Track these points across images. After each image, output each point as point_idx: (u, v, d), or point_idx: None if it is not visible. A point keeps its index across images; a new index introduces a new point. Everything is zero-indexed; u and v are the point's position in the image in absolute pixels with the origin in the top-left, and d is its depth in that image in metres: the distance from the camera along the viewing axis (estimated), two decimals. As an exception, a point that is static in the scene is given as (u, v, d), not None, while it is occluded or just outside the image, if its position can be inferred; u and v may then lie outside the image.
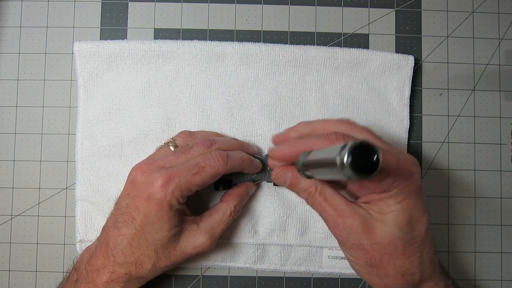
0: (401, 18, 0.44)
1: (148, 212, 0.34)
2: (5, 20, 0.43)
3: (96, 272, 0.35)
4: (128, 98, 0.41)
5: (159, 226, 0.34)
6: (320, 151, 0.28)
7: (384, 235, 0.31)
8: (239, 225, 0.41)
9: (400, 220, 0.31)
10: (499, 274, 0.43)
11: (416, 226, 0.31)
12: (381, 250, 0.31)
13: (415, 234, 0.31)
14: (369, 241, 0.31)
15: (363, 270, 0.33)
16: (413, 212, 0.31)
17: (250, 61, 0.41)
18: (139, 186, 0.34)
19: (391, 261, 0.31)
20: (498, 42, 0.44)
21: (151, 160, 0.36)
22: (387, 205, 0.31)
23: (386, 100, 0.42)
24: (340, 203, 0.32)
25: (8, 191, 0.43)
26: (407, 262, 0.31)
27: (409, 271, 0.32)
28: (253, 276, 0.43)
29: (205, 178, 0.34)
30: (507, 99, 0.44)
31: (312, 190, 0.32)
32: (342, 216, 0.31)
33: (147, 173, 0.34)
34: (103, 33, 0.43)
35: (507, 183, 0.43)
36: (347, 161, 0.23)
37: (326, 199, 0.32)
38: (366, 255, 0.31)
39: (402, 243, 0.31)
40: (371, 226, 0.31)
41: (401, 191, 0.30)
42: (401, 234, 0.31)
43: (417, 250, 0.32)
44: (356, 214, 0.31)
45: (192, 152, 0.35)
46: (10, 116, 0.43)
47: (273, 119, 0.42)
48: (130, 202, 0.34)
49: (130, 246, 0.34)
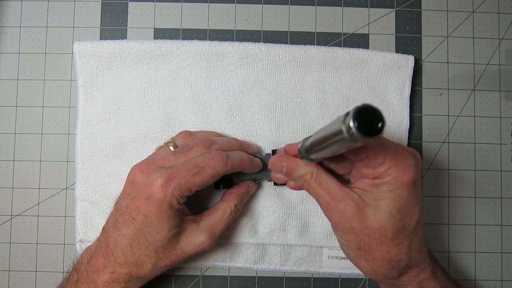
0: (401, 18, 0.44)
1: (148, 212, 0.34)
2: (5, 20, 0.43)
3: (96, 272, 0.35)
4: (128, 98, 0.41)
5: (159, 226, 0.34)
6: (322, 130, 0.29)
7: (374, 220, 0.31)
8: (239, 225, 0.41)
9: (391, 207, 0.31)
10: (499, 274, 0.43)
11: (407, 215, 0.32)
12: (371, 235, 0.32)
13: (405, 223, 0.32)
14: (360, 225, 0.32)
15: (352, 253, 0.34)
16: (405, 202, 0.31)
17: (250, 61, 0.41)
18: (139, 186, 0.34)
19: (379, 246, 0.32)
20: (498, 42, 0.44)
21: (151, 160, 0.36)
22: (380, 192, 0.31)
23: (386, 100, 0.42)
24: (335, 187, 0.33)
25: (8, 191, 0.43)
26: (395, 249, 0.32)
27: (396, 258, 0.33)
28: (253, 276, 0.43)
29: (205, 178, 0.34)
30: (507, 99, 0.44)
31: (308, 177, 0.33)
32: (335, 200, 0.32)
33: (146, 173, 0.34)
34: (103, 33, 0.43)
35: (507, 183, 0.43)
36: (354, 125, 0.23)
37: (321, 184, 0.33)
38: (357, 238, 0.32)
39: (392, 230, 0.32)
40: (363, 211, 0.32)
41: (395, 180, 0.31)
42: (392, 221, 0.31)
43: (406, 238, 0.32)
44: (349, 198, 0.32)
45: (192, 153, 0.35)
46: (10, 116, 0.43)
47: (273, 119, 0.42)
48: (130, 202, 0.34)
49: (131, 246, 0.34)
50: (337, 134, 0.25)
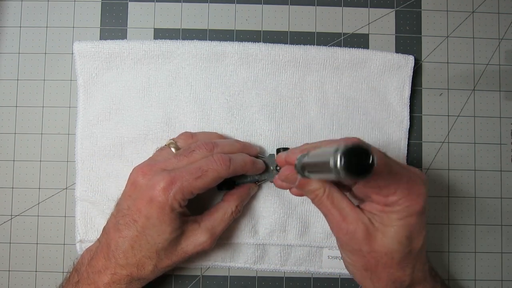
0: (401, 18, 0.44)
1: (150, 214, 0.33)
2: (5, 20, 0.43)
3: (97, 273, 0.35)
4: (128, 98, 0.41)
5: (160, 229, 0.34)
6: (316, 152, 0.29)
7: (382, 245, 0.31)
8: (239, 225, 0.41)
9: (400, 235, 0.31)
10: (499, 274, 0.43)
11: (414, 241, 0.32)
12: (378, 258, 0.32)
13: (412, 248, 0.32)
14: (368, 248, 0.32)
15: (357, 273, 0.34)
16: (413, 229, 0.32)
17: (250, 61, 0.41)
18: (140, 188, 0.34)
19: (385, 269, 0.32)
20: (498, 42, 0.44)
21: (152, 161, 0.36)
22: (390, 219, 0.31)
23: (386, 100, 0.42)
24: (346, 207, 0.32)
25: (8, 191, 0.43)
26: (400, 271, 0.33)
27: (400, 279, 0.33)
28: (253, 276, 0.43)
29: (207, 182, 0.34)
30: (507, 99, 0.44)
31: (320, 193, 0.32)
32: (346, 221, 0.32)
33: (148, 175, 0.34)
34: (103, 33, 0.43)
35: (507, 183, 0.43)
36: (340, 164, 0.23)
37: (333, 202, 0.32)
38: (363, 260, 0.32)
39: (399, 256, 0.32)
40: (372, 235, 0.32)
41: (405, 209, 0.31)
42: (399, 248, 0.32)
43: (411, 261, 0.33)
44: (360, 221, 0.32)
45: (194, 155, 0.35)
46: (10, 116, 0.43)
47: (273, 119, 0.42)
48: (132, 204, 0.34)
49: (132, 248, 0.34)
50: (327, 165, 0.24)
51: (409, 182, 0.31)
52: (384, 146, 0.42)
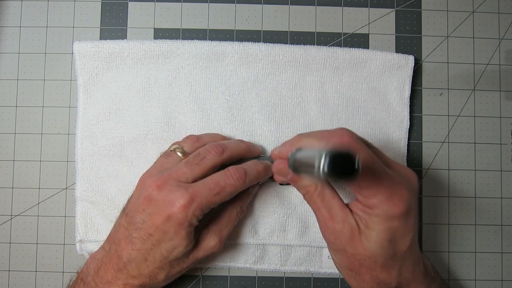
0: (401, 18, 0.44)
1: (167, 229, 0.33)
2: (5, 20, 0.43)
3: (107, 284, 0.35)
4: (128, 98, 0.41)
5: (177, 242, 0.34)
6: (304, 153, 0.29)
7: (365, 248, 0.31)
8: (239, 225, 0.41)
9: (381, 238, 0.31)
10: (499, 274, 0.43)
11: (398, 244, 0.32)
12: (361, 261, 0.32)
13: (396, 250, 0.32)
14: (352, 250, 0.32)
15: (343, 272, 0.35)
16: (396, 232, 0.31)
17: (250, 61, 0.41)
18: (157, 203, 0.33)
19: (369, 272, 0.32)
20: (498, 42, 0.44)
21: (162, 169, 0.36)
22: (372, 222, 0.31)
23: (386, 100, 0.42)
24: (336, 206, 0.32)
25: (8, 191, 0.43)
26: (384, 274, 0.32)
27: (385, 281, 0.33)
28: (253, 276, 0.43)
29: (225, 197, 0.34)
30: (507, 99, 0.44)
31: (311, 189, 0.33)
32: (334, 220, 0.32)
33: (164, 190, 0.33)
34: (103, 33, 0.43)
35: (507, 183, 0.43)
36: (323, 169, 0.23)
37: (323, 200, 0.33)
38: (348, 260, 0.33)
39: (382, 259, 0.32)
40: (356, 237, 0.32)
41: (384, 213, 0.31)
42: (381, 251, 0.31)
43: (396, 263, 0.32)
44: (346, 221, 0.32)
45: (206, 162, 0.35)
46: (10, 116, 0.43)
47: (273, 119, 0.42)
48: (147, 218, 0.34)
49: (145, 261, 0.34)
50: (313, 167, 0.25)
51: (392, 186, 0.30)
52: (384, 146, 0.42)
